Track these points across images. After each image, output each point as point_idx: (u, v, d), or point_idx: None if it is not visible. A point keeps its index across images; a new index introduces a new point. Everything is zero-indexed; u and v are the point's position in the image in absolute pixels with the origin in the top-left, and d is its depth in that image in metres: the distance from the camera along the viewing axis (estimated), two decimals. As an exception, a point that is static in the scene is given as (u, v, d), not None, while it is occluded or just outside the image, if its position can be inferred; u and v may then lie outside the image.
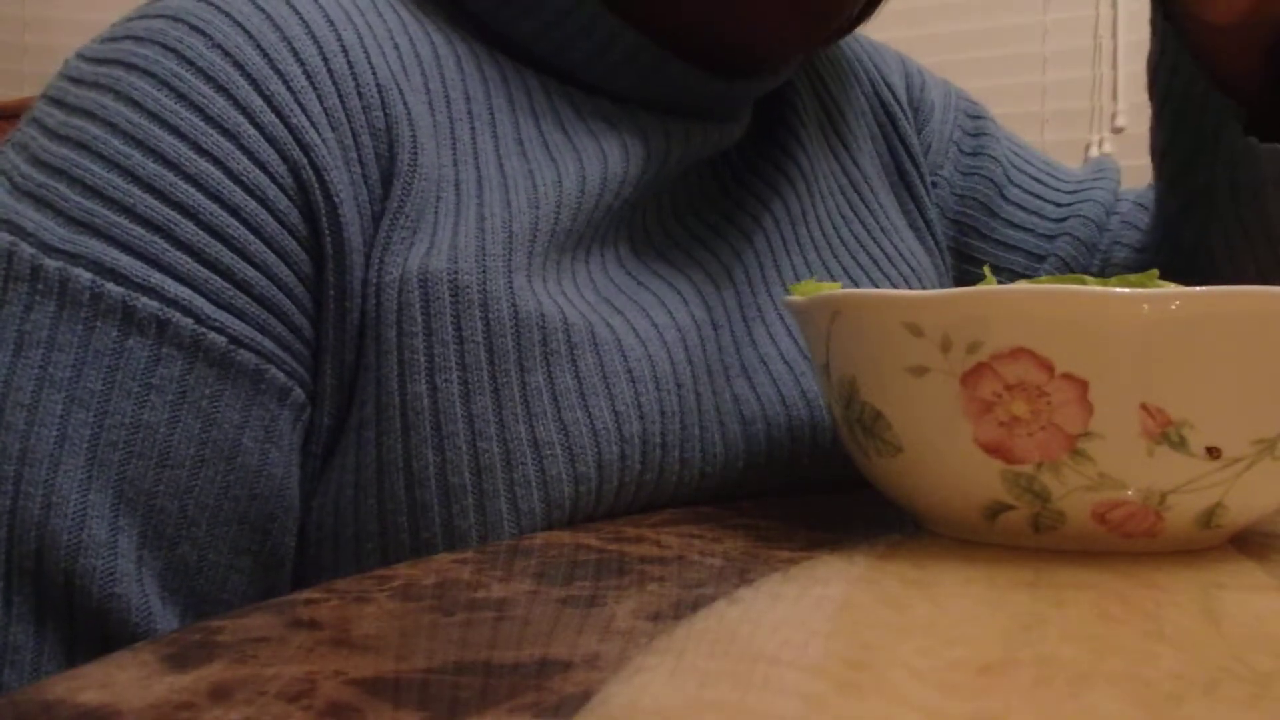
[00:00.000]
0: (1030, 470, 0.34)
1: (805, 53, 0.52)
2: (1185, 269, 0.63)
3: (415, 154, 0.43)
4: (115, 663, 0.24)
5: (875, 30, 0.66)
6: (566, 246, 0.46)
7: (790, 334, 0.52)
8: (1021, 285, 0.35)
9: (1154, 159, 0.62)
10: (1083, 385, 0.33)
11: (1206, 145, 0.57)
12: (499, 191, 0.45)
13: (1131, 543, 0.35)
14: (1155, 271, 0.36)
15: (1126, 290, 0.33)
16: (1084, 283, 0.34)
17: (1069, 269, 0.65)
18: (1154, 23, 0.58)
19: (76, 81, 0.42)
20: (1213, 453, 0.33)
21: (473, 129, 0.46)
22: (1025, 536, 0.36)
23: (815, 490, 0.50)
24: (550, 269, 0.45)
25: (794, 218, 0.56)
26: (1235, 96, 0.55)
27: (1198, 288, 0.32)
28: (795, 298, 0.40)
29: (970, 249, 0.65)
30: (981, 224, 0.65)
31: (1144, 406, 0.33)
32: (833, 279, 0.56)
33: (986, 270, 0.45)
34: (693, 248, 0.52)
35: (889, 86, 0.65)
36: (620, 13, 0.49)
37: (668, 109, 0.51)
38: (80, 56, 0.43)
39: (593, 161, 0.47)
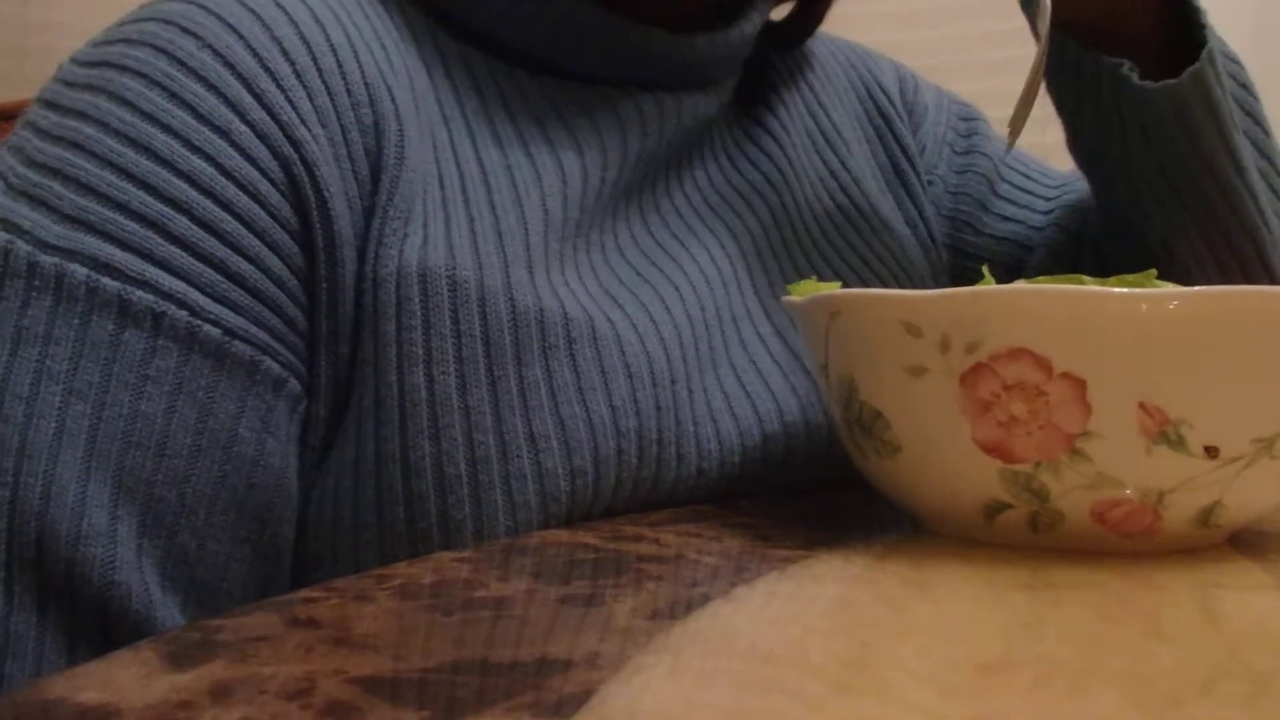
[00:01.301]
0: (1029, 470, 0.34)
1: None
2: (1142, 255, 0.62)
3: (402, 149, 0.44)
4: (115, 662, 0.24)
5: (876, 33, 0.66)
6: (567, 235, 0.47)
7: (778, 334, 0.52)
8: (1020, 285, 0.35)
9: (1076, 157, 0.61)
10: (1081, 385, 0.33)
11: (1110, 113, 0.56)
12: (482, 190, 0.46)
13: (1130, 542, 0.35)
14: (1153, 271, 0.36)
15: (1125, 290, 0.33)
16: (1082, 282, 0.34)
17: (1057, 257, 0.65)
18: (1048, 40, 0.57)
19: (69, 84, 0.43)
20: (1211, 452, 0.33)
21: (449, 130, 0.47)
22: (1024, 536, 0.36)
23: (813, 489, 0.50)
24: (554, 259, 0.46)
25: (779, 222, 0.56)
26: (1145, 53, 0.55)
27: (1196, 287, 0.32)
28: (793, 298, 0.40)
29: (964, 244, 0.66)
30: (975, 219, 0.67)
31: (1142, 405, 0.33)
32: (824, 280, 0.56)
33: (985, 270, 0.45)
34: (688, 241, 0.53)
35: (883, 90, 0.67)
36: None
37: (641, 84, 0.52)
38: (73, 60, 0.44)
39: (568, 153, 0.48)
